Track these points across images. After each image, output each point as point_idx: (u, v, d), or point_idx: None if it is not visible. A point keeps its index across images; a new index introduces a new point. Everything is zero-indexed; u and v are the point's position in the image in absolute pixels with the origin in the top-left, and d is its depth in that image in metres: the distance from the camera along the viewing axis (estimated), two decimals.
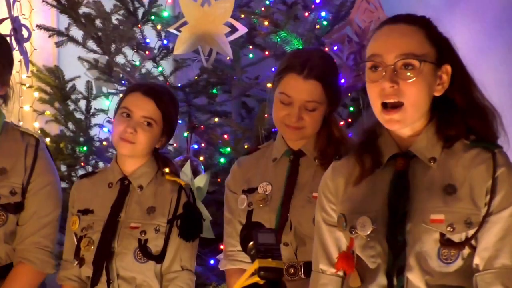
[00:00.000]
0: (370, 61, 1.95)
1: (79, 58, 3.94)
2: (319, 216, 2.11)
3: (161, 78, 3.94)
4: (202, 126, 3.80)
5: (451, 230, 1.88)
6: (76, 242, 2.64)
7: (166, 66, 4.14)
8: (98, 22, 3.71)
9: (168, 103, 2.68)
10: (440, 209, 1.90)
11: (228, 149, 3.67)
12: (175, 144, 3.88)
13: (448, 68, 1.95)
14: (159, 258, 2.60)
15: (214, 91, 3.83)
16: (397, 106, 1.92)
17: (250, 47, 3.82)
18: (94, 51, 3.78)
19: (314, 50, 3.00)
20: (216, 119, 3.91)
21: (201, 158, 3.66)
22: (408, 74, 1.90)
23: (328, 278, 2.08)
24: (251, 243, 1.57)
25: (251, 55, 3.86)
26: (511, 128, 3.86)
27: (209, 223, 3.10)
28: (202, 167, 3.44)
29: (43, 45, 4.17)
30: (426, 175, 1.95)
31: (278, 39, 3.41)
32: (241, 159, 2.77)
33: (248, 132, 3.46)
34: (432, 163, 1.95)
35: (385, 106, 1.93)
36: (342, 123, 3.59)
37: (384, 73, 1.91)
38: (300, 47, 3.41)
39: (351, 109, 3.89)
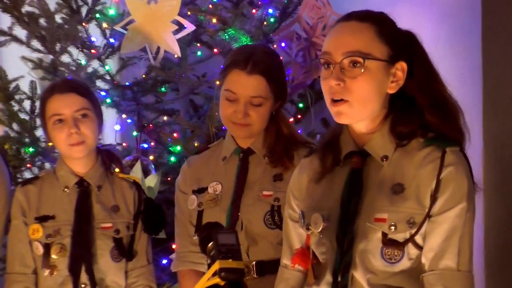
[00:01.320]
0: (321, 58, 1.96)
1: (23, 57, 3.86)
2: (286, 212, 2.15)
3: (107, 77, 3.90)
4: (151, 125, 3.76)
5: (393, 229, 1.90)
6: (42, 250, 2.59)
7: (112, 64, 4.09)
8: (42, 21, 3.64)
9: (86, 89, 2.69)
10: (385, 208, 1.92)
11: (178, 147, 3.64)
12: (124, 144, 3.84)
13: (403, 65, 1.96)
14: (131, 255, 2.63)
15: (163, 89, 3.79)
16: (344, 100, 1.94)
17: (198, 44, 3.80)
18: (39, 51, 3.70)
19: (258, 46, 3.01)
20: (165, 118, 3.88)
21: (151, 157, 3.62)
22: (354, 71, 1.91)
23: (290, 273, 2.11)
24: (211, 244, 1.56)
25: (199, 53, 3.84)
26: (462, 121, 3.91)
27: None
28: (153, 166, 3.41)
29: None
30: (378, 174, 1.97)
31: (226, 37, 3.40)
32: (191, 159, 2.76)
33: (198, 130, 3.44)
34: (384, 161, 1.97)
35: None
36: (291, 119, 3.63)
37: (332, 71, 1.92)
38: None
39: (300, 105, 3.90)
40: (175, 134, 3.72)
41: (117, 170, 2.72)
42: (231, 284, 1.48)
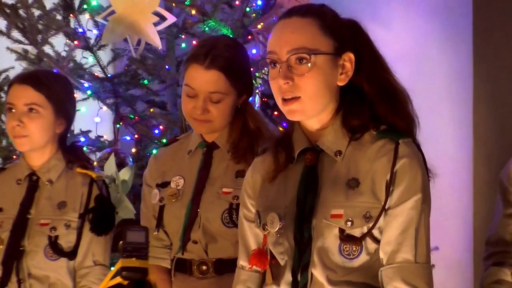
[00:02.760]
0: (267, 58, 1.92)
1: (8, 48, 3.84)
2: (241, 212, 2.10)
3: (97, 68, 3.88)
4: (136, 117, 3.73)
5: (350, 225, 1.85)
6: None
7: (104, 56, 4.07)
8: (22, 11, 3.62)
9: (50, 83, 2.58)
10: (340, 204, 1.87)
11: (164, 140, 3.60)
12: (105, 136, 3.81)
13: (350, 56, 1.91)
14: (71, 254, 2.53)
15: (146, 81, 3.76)
16: (296, 98, 1.89)
17: (183, 36, 3.76)
18: (19, 41, 3.69)
19: (221, 38, 2.91)
20: (152, 110, 3.84)
21: (133, 150, 3.60)
22: (301, 68, 1.87)
23: (247, 274, 2.05)
24: (121, 241, 1.52)
25: (183, 45, 3.79)
26: (452, 117, 3.86)
27: (133, 216, 3.03)
28: (131, 159, 3.37)
29: None
30: (333, 169, 1.92)
31: (206, 28, 3.35)
32: (158, 151, 2.70)
33: (172, 123, 3.40)
34: (338, 156, 1.92)
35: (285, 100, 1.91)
36: (276, 113, 3.57)
37: (280, 70, 1.87)
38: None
39: None
40: (161, 127, 3.70)
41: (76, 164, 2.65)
42: (134, 284, 1.44)
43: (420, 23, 3.83)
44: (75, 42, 3.68)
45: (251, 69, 2.63)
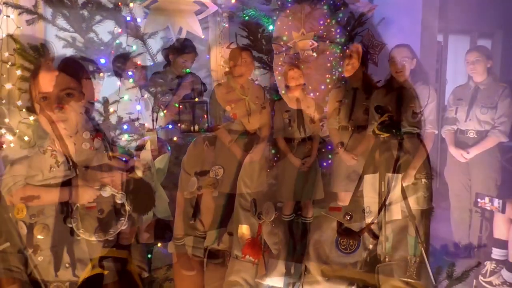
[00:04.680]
0: (274, 43, 1.90)
1: (56, 36, 3.90)
2: (237, 201, 2.07)
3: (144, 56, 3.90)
4: (181, 106, 3.72)
5: (348, 218, 1.82)
6: (26, 230, 2.60)
7: (154, 44, 4.09)
8: None
9: (75, 68, 2.65)
10: (341, 197, 1.83)
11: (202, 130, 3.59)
12: (147, 124, 3.83)
13: (358, 47, 1.88)
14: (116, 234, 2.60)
15: (187, 70, 3.76)
16: (300, 85, 1.87)
17: (226, 25, 3.73)
18: (65, 29, 3.73)
19: None
20: (197, 99, 3.83)
21: (175, 139, 3.60)
22: (309, 55, 1.84)
23: (241, 264, 2.05)
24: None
25: None
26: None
27: (167, 204, 3.03)
28: (169, 147, 3.37)
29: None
30: (334, 161, 1.89)
31: (246, 18, 3.32)
32: (197, 139, 2.71)
33: (202, 112, 3.39)
34: (339, 148, 1.89)
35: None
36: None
37: (285, 55, 1.86)
38: (271, 26, 3.32)
39: None
40: (205, 116, 3.69)
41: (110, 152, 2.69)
42: (115, 273, 1.44)
43: (469, 14, 3.72)
44: (119, 30, 3.70)
45: None
